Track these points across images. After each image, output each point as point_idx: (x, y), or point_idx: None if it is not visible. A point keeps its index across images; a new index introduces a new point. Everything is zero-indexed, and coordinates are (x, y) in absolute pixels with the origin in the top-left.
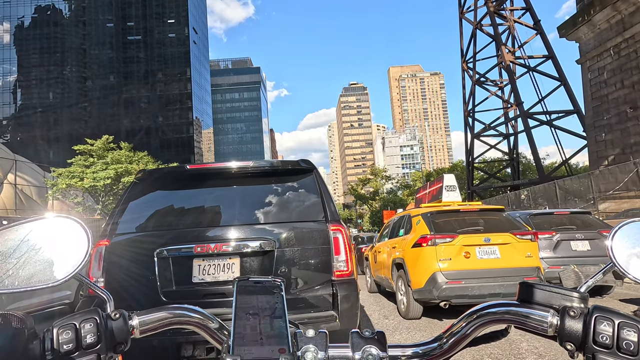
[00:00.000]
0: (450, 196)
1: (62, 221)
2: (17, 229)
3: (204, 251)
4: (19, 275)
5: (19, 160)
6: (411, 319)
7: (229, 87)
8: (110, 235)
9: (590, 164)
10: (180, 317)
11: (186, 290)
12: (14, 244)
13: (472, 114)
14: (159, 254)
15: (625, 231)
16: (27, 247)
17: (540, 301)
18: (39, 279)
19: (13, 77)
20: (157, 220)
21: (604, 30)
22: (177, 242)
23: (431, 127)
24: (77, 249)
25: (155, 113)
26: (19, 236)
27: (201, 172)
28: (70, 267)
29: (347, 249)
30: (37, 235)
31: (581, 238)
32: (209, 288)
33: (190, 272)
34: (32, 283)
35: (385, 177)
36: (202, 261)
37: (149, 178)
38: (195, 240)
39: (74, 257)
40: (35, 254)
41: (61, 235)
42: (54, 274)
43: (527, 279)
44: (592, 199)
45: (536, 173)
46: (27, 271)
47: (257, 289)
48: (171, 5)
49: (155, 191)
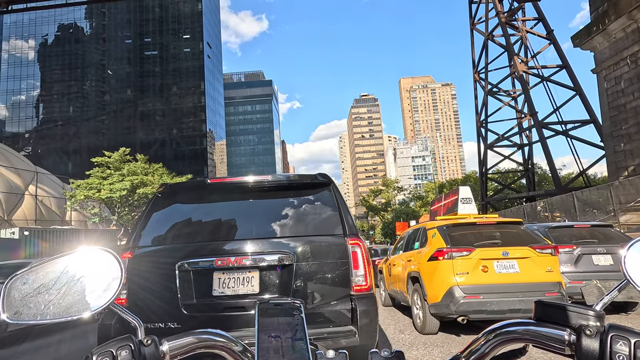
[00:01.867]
0: (466, 209)
1: (97, 252)
2: (57, 261)
3: (224, 264)
4: (61, 305)
5: (40, 172)
6: (428, 334)
7: (242, 99)
8: (132, 248)
9: (609, 174)
10: (207, 342)
11: (206, 304)
12: (55, 275)
13: (485, 124)
14: (180, 267)
15: (638, 247)
16: (67, 278)
17: (557, 319)
18: (77, 308)
19: (36, 92)
20: (179, 233)
21: (619, 39)
22: (198, 255)
23: (443, 138)
24: (111, 278)
25: (170, 125)
26: (59, 268)
27: (221, 186)
28: (106, 296)
29: (365, 263)
30: (75, 266)
31: (603, 252)
32: (228, 301)
33: (211, 285)
34: (71, 312)
35: (397, 188)
36: (222, 274)
37: (171, 192)
38: (216, 253)
39: (109, 286)
40: (74, 285)
41: (96, 266)
42: (91, 304)
43: (548, 295)
44: (613, 210)
45: (552, 184)
46: (67, 301)
47: (277, 311)
48: (187, 21)
49: (176, 204)
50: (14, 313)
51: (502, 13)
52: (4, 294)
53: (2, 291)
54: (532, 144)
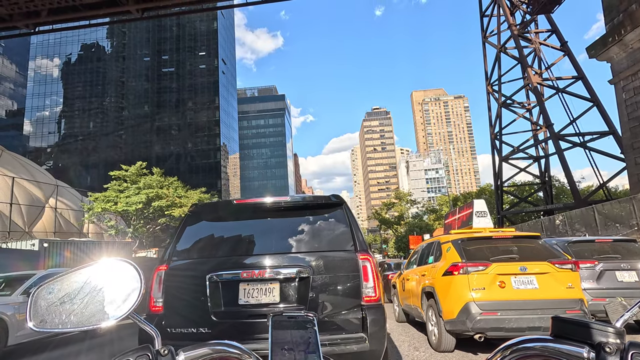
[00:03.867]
0: (481, 222)
1: (118, 264)
2: (80, 271)
3: (249, 276)
4: (83, 314)
5: (60, 186)
6: (443, 351)
7: (255, 113)
8: (168, 261)
9: (630, 187)
10: (221, 353)
11: (233, 311)
12: (79, 285)
13: (500, 136)
14: (210, 278)
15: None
16: (90, 289)
17: (575, 336)
18: (99, 317)
19: (59, 108)
20: (208, 247)
21: (637, 49)
22: (226, 268)
23: (456, 151)
24: (131, 288)
25: (185, 139)
26: (83, 278)
27: (245, 206)
28: (126, 306)
29: (374, 276)
30: (97, 276)
31: (627, 268)
32: (252, 310)
33: (237, 295)
34: (93, 322)
35: (410, 201)
36: (247, 285)
37: (201, 211)
38: (242, 266)
39: (128, 297)
40: (97, 295)
41: (117, 277)
42: (112, 313)
43: (569, 312)
44: (636, 225)
45: (571, 197)
46: (90, 310)
47: (291, 324)
48: (202, 39)
49: (206, 222)
50: (39, 321)
51: (515, 25)
52: (31, 302)
53: (29, 300)
54: (549, 156)
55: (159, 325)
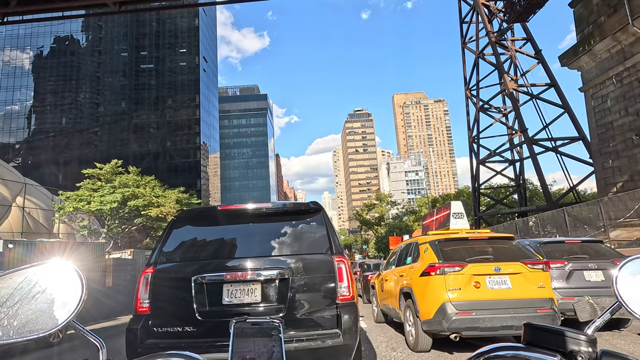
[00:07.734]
0: (457, 223)
1: (57, 267)
2: (10, 276)
3: (232, 278)
4: (13, 326)
5: (29, 184)
6: (420, 351)
7: (237, 113)
8: (155, 264)
9: (598, 190)
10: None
11: (217, 311)
12: (7, 292)
13: (477, 140)
14: (195, 280)
15: (630, 268)
16: (20, 296)
17: (547, 344)
18: (30, 328)
19: (29, 102)
20: (193, 251)
21: (605, 59)
22: (211, 270)
23: (436, 153)
24: (71, 295)
25: (164, 138)
26: (13, 284)
27: (229, 211)
28: (64, 314)
29: (349, 277)
30: (31, 282)
31: (595, 268)
32: (236, 309)
33: (221, 295)
34: (24, 333)
35: (390, 203)
36: (230, 286)
37: (186, 216)
38: (225, 269)
39: (67, 304)
40: (29, 302)
41: (55, 282)
42: (47, 323)
43: (540, 311)
44: (603, 226)
45: (543, 199)
46: (20, 321)
47: (254, 331)
48: (183, 36)
49: (191, 226)
50: None
51: (492, 33)
52: None
53: None
54: (523, 160)
55: (145, 326)
